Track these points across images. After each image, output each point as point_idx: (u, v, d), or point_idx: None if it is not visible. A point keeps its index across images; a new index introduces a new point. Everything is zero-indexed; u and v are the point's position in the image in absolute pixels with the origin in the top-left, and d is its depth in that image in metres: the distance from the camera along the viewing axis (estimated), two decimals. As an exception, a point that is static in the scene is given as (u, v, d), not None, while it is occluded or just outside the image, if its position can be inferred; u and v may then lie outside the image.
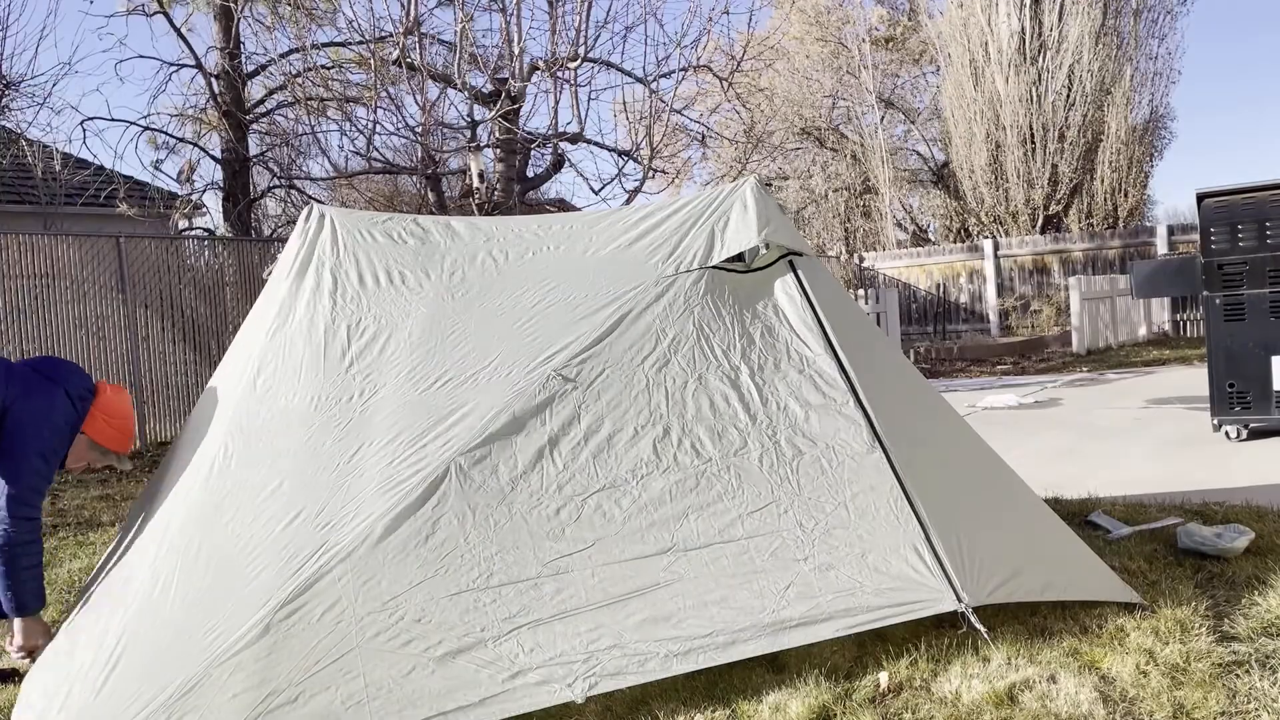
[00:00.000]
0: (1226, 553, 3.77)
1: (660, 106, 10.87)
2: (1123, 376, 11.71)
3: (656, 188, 13.14)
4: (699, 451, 3.00)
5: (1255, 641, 2.99)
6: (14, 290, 8.55)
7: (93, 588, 3.14)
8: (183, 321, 9.90)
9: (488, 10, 10.68)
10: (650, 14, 16.02)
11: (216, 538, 2.76)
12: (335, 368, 3.07)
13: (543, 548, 2.76)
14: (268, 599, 2.52)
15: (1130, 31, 20.00)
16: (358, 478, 2.77)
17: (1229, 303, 6.49)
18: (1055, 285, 18.49)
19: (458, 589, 2.63)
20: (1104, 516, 4.48)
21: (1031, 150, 19.79)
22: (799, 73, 24.74)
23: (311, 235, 3.45)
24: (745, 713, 2.69)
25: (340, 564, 2.58)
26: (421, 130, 10.27)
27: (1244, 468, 5.75)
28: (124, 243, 9.34)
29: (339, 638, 2.50)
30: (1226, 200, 6.62)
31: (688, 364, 3.12)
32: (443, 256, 3.42)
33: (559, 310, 3.18)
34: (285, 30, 13.44)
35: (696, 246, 3.34)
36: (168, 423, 9.72)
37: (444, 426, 2.86)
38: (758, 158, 19.07)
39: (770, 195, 3.50)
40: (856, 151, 24.18)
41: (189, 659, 2.44)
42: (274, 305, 3.33)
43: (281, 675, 2.43)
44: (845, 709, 2.64)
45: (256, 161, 14.20)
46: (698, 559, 2.83)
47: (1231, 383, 6.53)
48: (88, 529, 6.07)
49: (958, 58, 20.41)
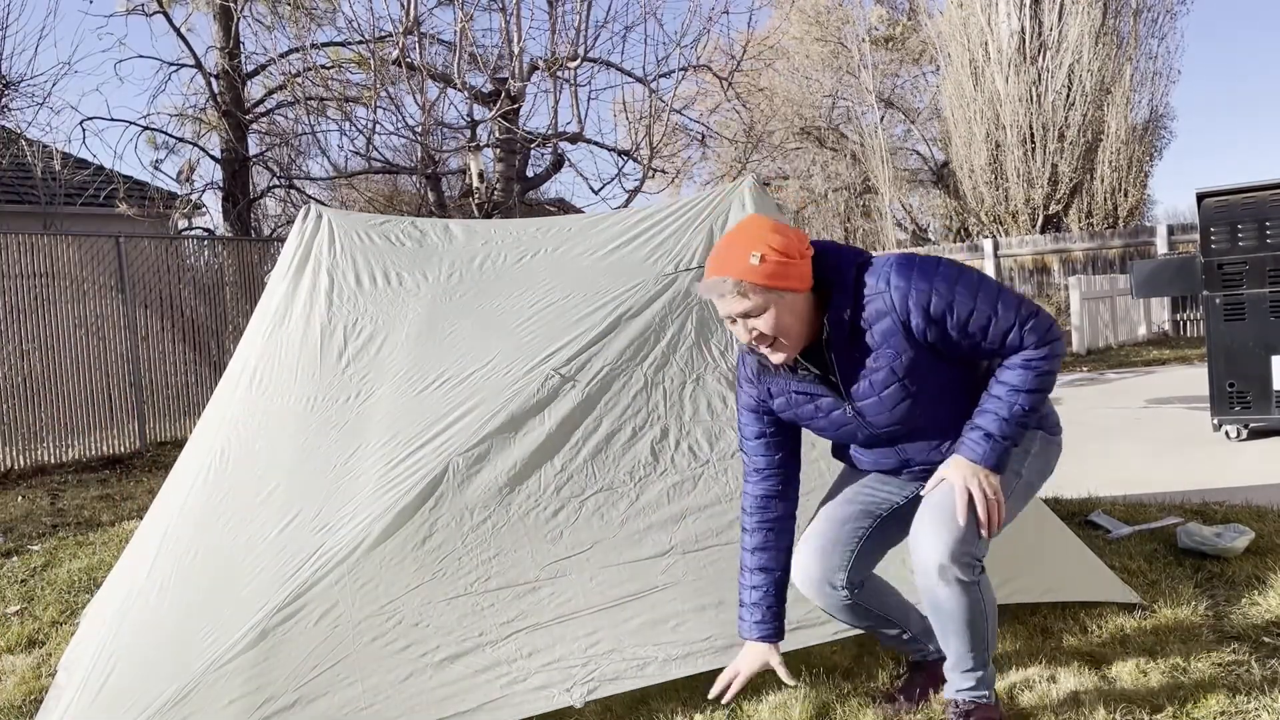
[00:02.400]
0: (1226, 553, 3.77)
1: (660, 106, 10.87)
2: (1123, 376, 11.70)
3: (656, 188, 13.13)
4: (696, 453, 3.00)
5: (1255, 641, 2.99)
6: (14, 290, 8.54)
7: (100, 593, 3.14)
8: (182, 321, 9.90)
9: (488, 10, 10.68)
10: (650, 14, 16.02)
11: (213, 540, 2.75)
12: (332, 368, 3.05)
13: (540, 550, 2.75)
14: (264, 603, 2.51)
15: (1130, 31, 19.98)
16: (354, 480, 2.75)
17: (1229, 302, 6.49)
18: (1055, 285, 18.47)
19: (455, 593, 2.62)
20: (1104, 516, 4.48)
21: (1031, 150, 19.78)
22: (799, 72, 24.74)
23: (309, 236, 3.45)
24: (746, 713, 2.69)
25: (337, 567, 2.57)
26: (421, 130, 10.26)
27: (1244, 468, 5.74)
28: (124, 243, 9.34)
29: (336, 642, 2.49)
30: (1226, 200, 6.61)
31: (686, 365, 3.11)
32: (440, 258, 3.41)
33: (557, 310, 3.17)
34: (285, 30, 13.45)
35: (695, 246, 3.34)
36: (167, 422, 9.72)
37: (441, 427, 2.85)
38: (758, 158, 19.07)
39: (769, 195, 3.50)
40: (856, 151, 24.18)
41: (185, 664, 2.43)
42: (271, 306, 3.33)
43: (278, 681, 2.41)
44: (845, 709, 2.64)
45: (256, 161, 14.21)
46: (696, 562, 2.82)
47: (1231, 382, 6.52)
48: (88, 529, 6.07)
49: (957, 57, 20.39)
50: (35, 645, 3.76)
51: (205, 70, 12.77)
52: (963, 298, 2.16)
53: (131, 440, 9.32)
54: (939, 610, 2.28)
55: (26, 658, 3.60)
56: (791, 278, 2.15)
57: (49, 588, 4.61)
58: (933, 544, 2.21)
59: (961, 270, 2.21)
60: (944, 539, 2.19)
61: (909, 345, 2.20)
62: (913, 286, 2.17)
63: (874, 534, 2.50)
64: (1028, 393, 2.19)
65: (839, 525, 2.50)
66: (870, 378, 2.26)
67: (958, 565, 2.19)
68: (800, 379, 2.34)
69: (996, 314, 2.17)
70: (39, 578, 4.84)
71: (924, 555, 2.23)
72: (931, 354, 2.23)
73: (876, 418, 2.32)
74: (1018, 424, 2.20)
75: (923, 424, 2.33)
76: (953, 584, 2.20)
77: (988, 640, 2.34)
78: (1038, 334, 2.19)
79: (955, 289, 2.17)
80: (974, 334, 2.18)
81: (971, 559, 2.21)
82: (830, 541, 2.48)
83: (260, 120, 13.98)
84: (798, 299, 2.19)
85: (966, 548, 2.19)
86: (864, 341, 2.24)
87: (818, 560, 2.48)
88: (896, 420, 2.31)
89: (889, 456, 2.45)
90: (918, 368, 2.23)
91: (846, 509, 2.52)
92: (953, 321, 2.17)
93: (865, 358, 2.25)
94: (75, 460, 8.85)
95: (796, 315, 2.19)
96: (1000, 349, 2.21)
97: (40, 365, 8.72)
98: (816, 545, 2.49)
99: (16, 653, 3.67)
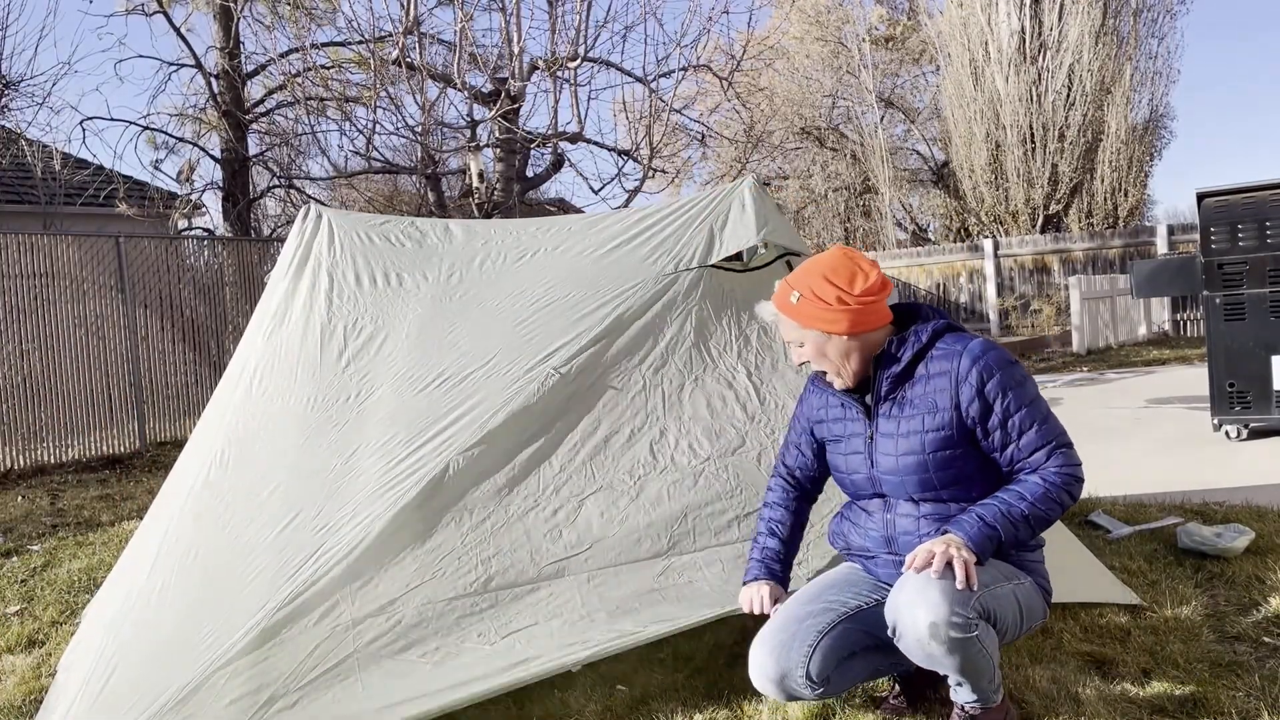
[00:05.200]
0: (1226, 553, 3.77)
1: (660, 106, 10.86)
2: (1123, 376, 11.70)
3: (656, 187, 13.14)
4: (696, 452, 3.00)
5: (1255, 641, 2.99)
6: (14, 290, 8.54)
7: (100, 593, 3.14)
8: (182, 321, 9.90)
9: (488, 10, 10.70)
10: (650, 14, 16.03)
11: (214, 541, 2.74)
12: (331, 368, 3.05)
13: (540, 550, 2.75)
14: (265, 602, 2.50)
15: (1130, 31, 19.99)
16: (354, 479, 2.75)
17: (1229, 302, 6.49)
18: (1055, 285, 18.48)
19: (455, 593, 2.62)
20: (1104, 516, 4.48)
21: (1031, 150, 19.78)
22: (799, 72, 24.73)
23: (308, 236, 3.44)
24: (745, 713, 2.69)
25: (338, 567, 2.56)
26: (421, 130, 10.27)
27: (1244, 467, 5.74)
28: (123, 243, 9.34)
29: (336, 642, 2.48)
30: (1226, 200, 6.61)
31: (685, 365, 3.11)
32: (440, 258, 3.41)
33: (557, 310, 3.16)
34: (285, 30, 13.45)
35: (695, 246, 3.34)
36: (167, 422, 9.72)
37: (441, 427, 2.85)
38: (757, 157, 19.07)
39: (768, 195, 3.50)
40: (856, 151, 24.17)
41: (186, 664, 2.42)
42: (271, 306, 3.32)
43: (279, 680, 2.41)
44: (845, 709, 2.63)
45: (256, 161, 14.21)
46: (695, 561, 2.82)
47: (1231, 382, 6.52)
48: (87, 529, 6.07)
49: (957, 57, 20.40)
50: (35, 645, 3.76)
51: (205, 70, 12.77)
52: (1018, 395, 2.26)
53: (131, 440, 9.32)
54: (939, 664, 2.19)
55: (26, 658, 3.60)
56: (824, 322, 2.29)
57: (49, 588, 4.61)
58: (917, 606, 2.13)
59: (1028, 377, 2.32)
60: (929, 597, 2.11)
61: (950, 409, 2.28)
62: (986, 361, 2.28)
63: (837, 630, 2.34)
64: (1032, 504, 2.22)
65: (798, 622, 2.35)
66: (900, 417, 2.34)
67: (946, 623, 2.10)
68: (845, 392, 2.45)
69: (1038, 426, 2.26)
70: (39, 578, 4.84)
71: (910, 619, 2.14)
72: (962, 434, 2.29)
73: (884, 457, 2.36)
74: (1012, 524, 2.21)
75: (917, 494, 2.34)
76: (946, 641, 2.11)
77: (994, 674, 2.28)
78: (1063, 462, 2.25)
79: (1018, 386, 2.27)
80: (1010, 431, 2.26)
81: (961, 615, 2.11)
82: (789, 637, 2.31)
83: (260, 120, 13.98)
84: (836, 340, 2.32)
85: (952, 605, 2.10)
86: (913, 385, 2.33)
87: (774, 657, 2.31)
88: (899, 470, 2.34)
89: (878, 523, 2.42)
90: (944, 436, 2.29)
91: (807, 607, 2.39)
92: (1000, 408, 2.25)
93: (906, 401, 2.34)
94: (75, 460, 8.85)
95: (840, 352, 2.35)
96: (1025, 460, 2.27)
97: (40, 365, 8.72)
98: (774, 642, 2.32)
99: (16, 653, 3.67)
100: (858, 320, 2.30)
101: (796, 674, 2.28)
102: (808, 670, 2.28)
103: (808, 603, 2.41)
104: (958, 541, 2.17)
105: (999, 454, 2.29)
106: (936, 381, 2.30)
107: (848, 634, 2.35)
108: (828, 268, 2.32)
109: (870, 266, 2.34)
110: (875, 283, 2.31)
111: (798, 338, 2.37)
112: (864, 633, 2.37)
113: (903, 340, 2.34)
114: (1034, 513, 2.22)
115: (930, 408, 2.30)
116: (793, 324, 2.35)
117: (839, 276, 2.30)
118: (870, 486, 2.42)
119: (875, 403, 2.39)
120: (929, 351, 2.34)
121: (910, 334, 2.35)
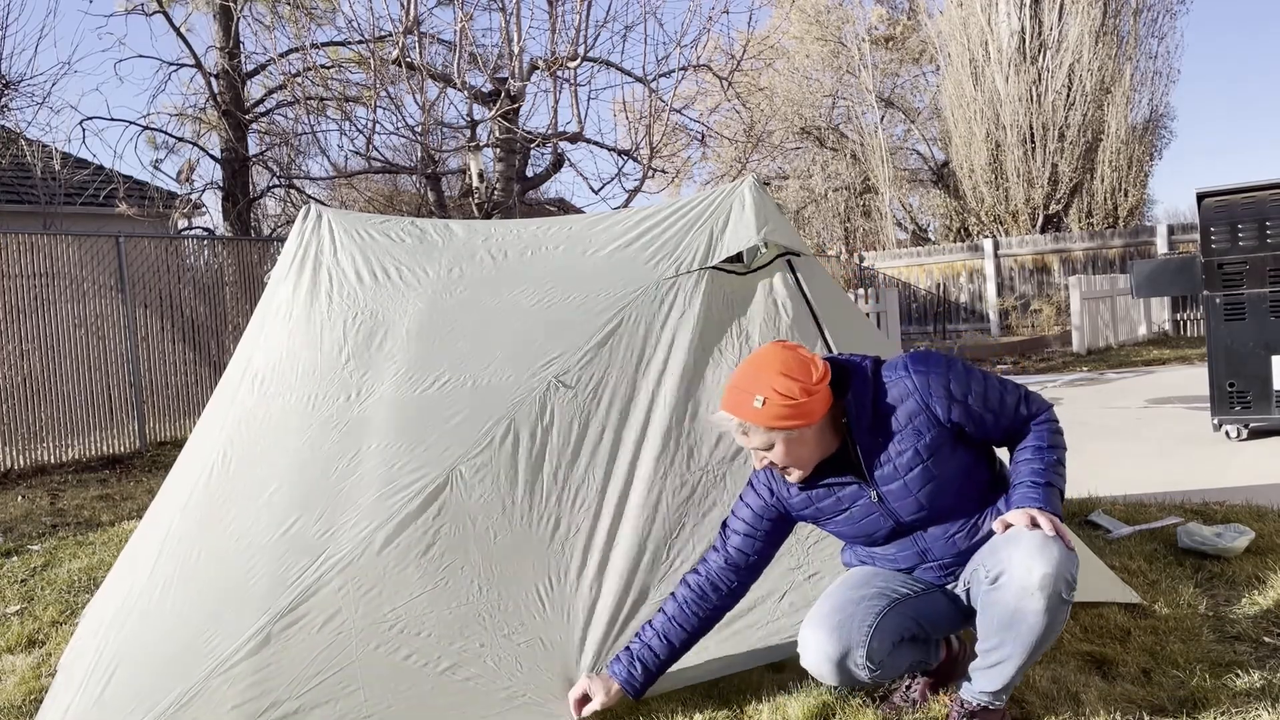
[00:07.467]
0: (1226, 553, 3.77)
1: (660, 106, 10.86)
2: (1123, 376, 11.70)
3: (656, 187, 13.14)
4: (695, 459, 2.98)
5: (1255, 641, 2.99)
6: (14, 290, 8.54)
7: (99, 593, 3.13)
8: (182, 321, 9.90)
9: (487, 10, 10.69)
10: (650, 13, 16.02)
11: (215, 543, 2.72)
12: (332, 365, 3.02)
13: (542, 560, 2.74)
14: (267, 607, 2.49)
15: (1130, 31, 20.00)
16: (357, 482, 2.73)
17: (1229, 302, 6.49)
18: (1055, 285, 18.48)
19: (458, 602, 2.60)
20: (1104, 516, 4.48)
21: (1031, 149, 19.79)
22: (799, 72, 24.73)
23: (309, 235, 3.43)
24: (745, 713, 2.69)
25: (340, 573, 2.55)
26: (421, 130, 10.26)
27: (1244, 467, 5.74)
28: (123, 242, 9.33)
29: (339, 649, 2.47)
30: (1226, 200, 6.61)
31: (685, 368, 3.10)
32: (441, 253, 3.40)
33: (558, 312, 3.15)
34: (285, 30, 13.45)
35: (696, 247, 3.33)
36: (167, 422, 9.72)
37: (443, 431, 2.83)
38: (758, 157, 19.07)
39: (768, 194, 3.49)
40: (856, 151, 24.17)
41: (187, 668, 2.41)
42: (271, 305, 3.32)
43: (281, 687, 2.40)
44: (845, 709, 2.63)
45: (256, 161, 14.21)
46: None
47: (1232, 382, 6.52)
48: (87, 529, 6.07)
49: (957, 57, 20.40)
50: (35, 645, 3.76)
51: (205, 70, 12.76)
52: (975, 379, 2.37)
53: (131, 440, 9.32)
54: (1017, 624, 2.19)
55: (26, 658, 3.60)
56: (797, 417, 2.27)
57: (49, 588, 4.60)
58: (1035, 557, 2.14)
59: (965, 362, 2.43)
60: (1050, 553, 2.14)
61: (933, 424, 2.32)
62: (932, 371, 2.35)
63: (892, 613, 2.38)
64: (1050, 447, 2.36)
65: (854, 604, 2.38)
66: (895, 461, 2.35)
67: (1060, 578, 2.13)
68: (820, 479, 2.43)
69: (1002, 391, 2.39)
70: (39, 578, 4.83)
71: (1024, 567, 2.15)
72: (953, 435, 2.35)
73: (901, 503, 2.38)
74: (1054, 471, 2.32)
75: (946, 506, 2.38)
76: (1051, 598, 2.13)
77: (1027, 666, 2.30)
78: (1036, 402, 2.42)
79: (966, 374, 2.37)
80: (992, 406, 2.36)
81: (1073, 577, 2.16)
82: (847, 617, 2.35)
83: (260, 120, 13.98)
84: (807, 431, 2.31)
85: (1069, 565, 2.15)
86: (888, 426, 2.35)
87: (834, 636, 2.34)
88: (923, 504, 2.37)
89: (907, 549, 2.46)
90: (941, 448, 2.33)
91: (860, 591, 2.42)
92: (973, 397, 2.34)
93: (889, 442, 2.35)
94: (75, 460, 8.85)
95: (807, 444, 2.34)
96: (1013, 420, 2.39)
97: (40, 365, 8.71)
98: (833, 622, 2.35)
99: (16, 653, 3.67)
100: (824, 402, 2.31)
101: (858, 653, 2.32)
102: (869, 649, 2.32)
103: (858, 587, 2.45)
104: (1045, 512, 2.22)
105: (992, 431, 2.39)
106: (905, 408, 2.34)
107: (901, 619, 2.41)
108: (780, 365, 2.28)
109: (807, 351, 2.37)
110: (821, 364, 2.33)
111: (766, 441, 2.30)
112: (913, 620, 2.43)
113: (857, 395, 2.35)
114: (1057, 454, 2.35)
115: (914, 436, 2.34)
116: (760, 429, 2.28)
117: (795, 371, 2.28)
118: (891, 534, 2.46)
119: (869, 467, 2.38)
120: (878, 390, 2.38)
121: (851, 387, 2.35)
